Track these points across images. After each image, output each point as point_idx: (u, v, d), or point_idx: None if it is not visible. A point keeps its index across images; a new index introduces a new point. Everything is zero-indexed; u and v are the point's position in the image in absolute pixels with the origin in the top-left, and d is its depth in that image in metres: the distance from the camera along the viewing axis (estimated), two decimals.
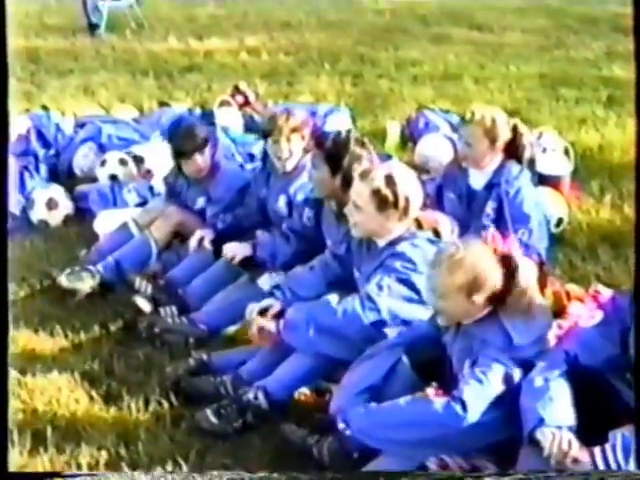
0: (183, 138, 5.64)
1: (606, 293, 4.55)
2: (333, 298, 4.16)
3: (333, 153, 4.62)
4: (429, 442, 3.52)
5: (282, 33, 13.35)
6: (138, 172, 6.70)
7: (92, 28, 13.18)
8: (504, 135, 5.04)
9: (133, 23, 13.54)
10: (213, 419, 4.00)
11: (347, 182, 4.42)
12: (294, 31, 13.57)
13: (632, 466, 3.15)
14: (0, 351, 3.45)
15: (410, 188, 4.16)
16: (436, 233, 4.21)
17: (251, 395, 4.06)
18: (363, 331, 4.00)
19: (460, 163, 5.30)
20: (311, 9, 15.40)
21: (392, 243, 4.15)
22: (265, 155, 5.56)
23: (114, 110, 8.49)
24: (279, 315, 4.24)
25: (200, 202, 5.72)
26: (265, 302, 4.36)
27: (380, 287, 4.04)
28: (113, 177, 6.70)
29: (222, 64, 11.45)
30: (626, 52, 11.86)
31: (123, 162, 6.76)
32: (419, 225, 4.20)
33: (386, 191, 4.09)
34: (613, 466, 3.15)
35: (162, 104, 8.58)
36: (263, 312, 4.32)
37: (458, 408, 3.44)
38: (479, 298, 3.60)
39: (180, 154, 5.66)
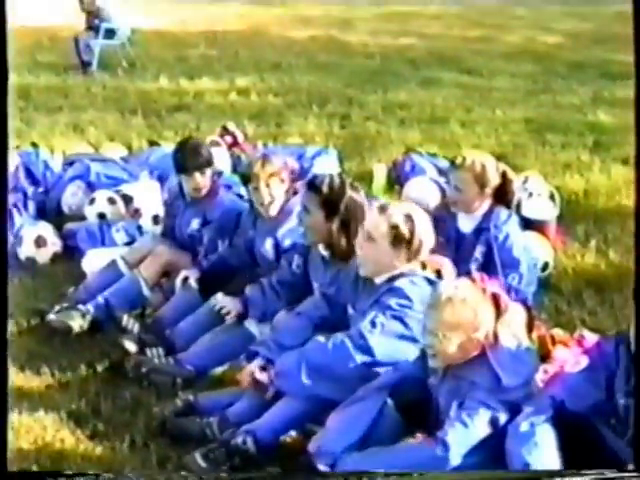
0: (187, 153, 5.69)
1: (591, 338, 4.62)
2: (322, 338, 4.18)
3: (329, 198, 4.63)
4: None
5: (272, 74, 13.43)
6: (126, 211, 6.73)
7: (84, 66, 13.26)
8: (493, 181, 5.11)
9: (125, 62, 13.64)
10: (202, 463, 3.99)
11: (345, 225, 4.53)
12: (284, 72, 13.66)
13: None
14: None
15: (425, 230, 4.23)
16: (438, 275, 4.26)
17: (240, 440, 4.05)
18: (354, 368, 4.02)
19: (449, 207, 5.35)
20: (301, 50, 15.55)
21: (390, 279, 4.19)
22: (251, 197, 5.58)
23: (103, 148, 8.53)
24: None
25: (195, 224, 5.75)
26: (256, 362, 4.35)
27: (374, 324, 4.08)
28: (101, 216, 6.72)
29: (211, 104, 11.50)
30: (612, 98, 12.04)
31: (112, 201, 6.79)
32: (423, 267, 4.26)
33: (404, 228, 4.14)
34: None
35: (152, 143, 8.61)
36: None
37: (440, 449, 3.49)
38: (474, 338, 3.64)
39: (181, 169, 5.70)
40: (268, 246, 5.30)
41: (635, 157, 3.59)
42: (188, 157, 5.66)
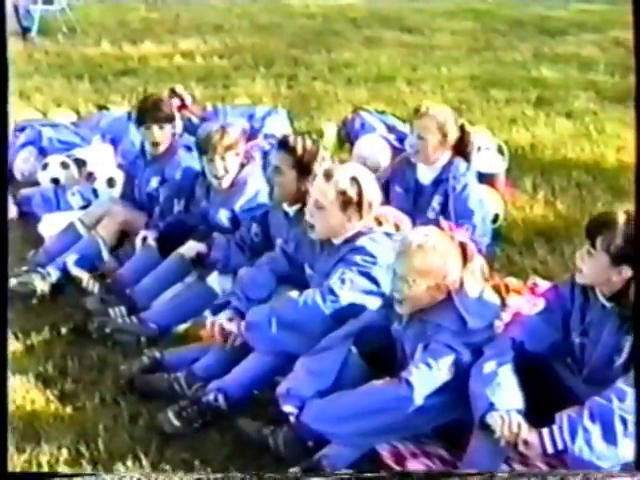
0: (148, 107, 5.75)
1: (544, 285, 4.74)
2: (294, 294, 4.27)
3: (302, 159, 4.69)
4: (379, 428, 3.69)
5: (215, 37, 13.40)
6: (80, 175, 6.72)
7: (24, 32, 13.10)
8: (453, 132, 5.23)
9: (65, 27, 13.49)
10: (175, 421, 4.05)
11: None
12: (227, 34, 13.63)
13: (578, 446, 3.30)
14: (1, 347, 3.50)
15: (372, 188, 4.31)
16: (397, 228, 4.38)
17: (211, 397, 4.12)
18: (323, 324, 4.12)
19: (409, 159, 5.45)
20: (243, 12, 15.51)
21: (350, 239, 4.28)
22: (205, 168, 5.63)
23: (51, 114, 8.48)
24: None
25: (154, 182, 5.80)
26: (226, 313, 4.44)
27: (343, 280, 4.18)
28: (55, 180, 6.71)
29: (157, 68, 11.47)
30: (553, 54, 12.22)
31: (65, 165, 6.77)
32: (379, 223, 4.35)
33: (351, 192, 4.23)
34: (560, 446, 3.32)
35: (100, 107, 8.58)
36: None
37: (404, 389, 3.62)
38: (442, 283, 3.76)
39: (141, 122, 5.75)
40: (223, 217, 5.35)
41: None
42: (148, 111, 5.71)
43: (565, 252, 5.74)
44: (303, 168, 4.68)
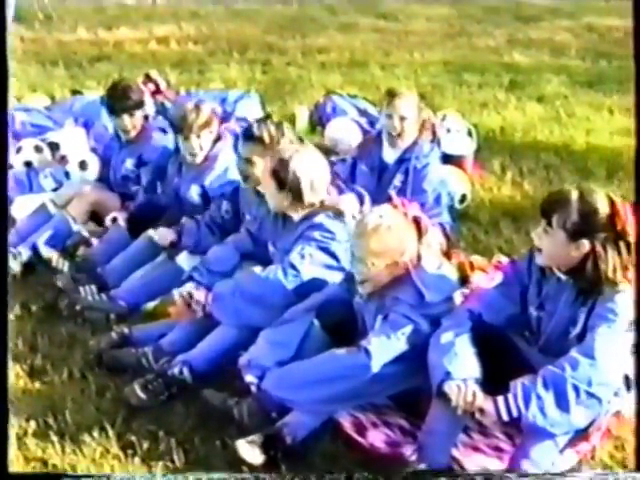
0: (116, 96, 5.81)
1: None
2: (257, 269, 4.38)
3: (272, 144, 4.76)
4: (338, 395, 3.77)
5: (191, 23, 13.46)
6: (53, 158, 6.76)
7: None
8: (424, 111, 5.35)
9: (41, 14, 13.51)
10: (141, 394, 4.11)
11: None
12: (202, 21, 13.69)
13: (532, 413, 3.39)
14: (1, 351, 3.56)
15: (305, 174, 4.37)
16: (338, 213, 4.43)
17: (176, 370, 4.20)
18: (285, 298, 4.22)
19: (378, 139, 5.54)
20: None
21: (309, 216, 4.38)
22: (177, 144, 5.69)
23: (26, 99, 8.51)
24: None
25: (129, 164, 5.89)
26: (189, 285, 4.52)
27: (302, 256, 4.28)
28: (28, 164, 6.74)
29: (132, 54, 11.54)
30: (527, 39, 12.33)
31: (38, 149, 6.81)
32: (323, 208, 4.42)
33: (282, 173, 4.33)
34: (514, 413, 3.40)
35: (74, 92, 8.63)
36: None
37: (362, 357, 3.70)
38: (400, 261, 3.83)
39: (110, 110, 5.85)
40: (194, 193, 5.43)
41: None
42: (117, 99, 5.77)
43: (530, 232, 5.80)
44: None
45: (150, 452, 3.79)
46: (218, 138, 5.48)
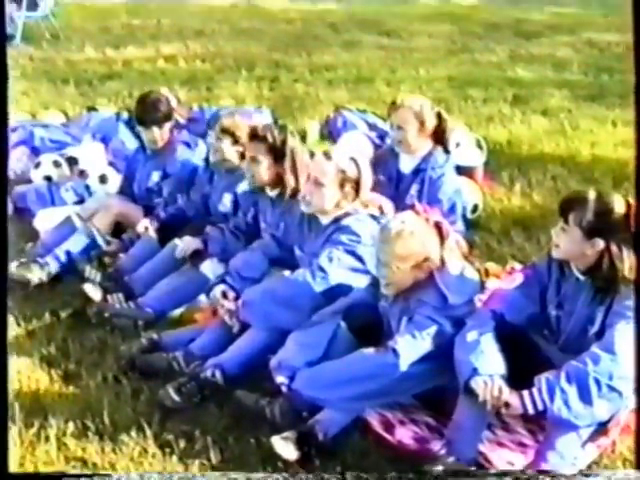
0: (145, 107, 5.97)
1: None
2: (287, 273, 4.57)
3: (274, 145, 5.00)
4: (367, 393, 3.92)
5: (197, 41, 13.65)
6: (72, 173, 6.92)
7: (8, 39, 13.27)
8: (431, 120, 5.46)
9: (48, 34, 13.69)
10: (175, 396, 4.24)
11: (294, 168, 4.95)
12: (208, 39, 13.89)
13: (557, 406, 3.54)
14: (1, 350, 3.69)
15: (367, 172, 4.63)
16: (381, 211, 4.66)
17: (209, 373, 4.34)
18: (314, 300, 4.37)
19: (393, 149, 5.69)
20: (223, 18, 15.76)
21: (336, 220, 4.57)
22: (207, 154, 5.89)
23: (40, 116, 8.68)
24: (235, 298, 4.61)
25: (155, 177, 6.06)
26: (220, 287, 4.68)
27: (330, 259, 4.45)
28: (48, 178, 6.90)
29: (141, 72, 11.71)
30: (528, 55, 12.52)
31: (57, 164, 6.97)
32: (365, 206, 4.62)
33: (350, 171, 4.52)
34: (540, 407, 3.55)
35: (89, 109, 8.78)
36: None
37: (390, 357, 3.85)
38: (424, 264, 3.99)
39: (140, 122, 6.00)
40: (227, 201, 5.61)
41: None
42: (146, 111, 5.93)
43: (541, 240, 5.98)
44: (277, 153, 4.98)
45: (186, 450, 3.92)
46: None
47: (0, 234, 3.65)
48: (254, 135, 5.13)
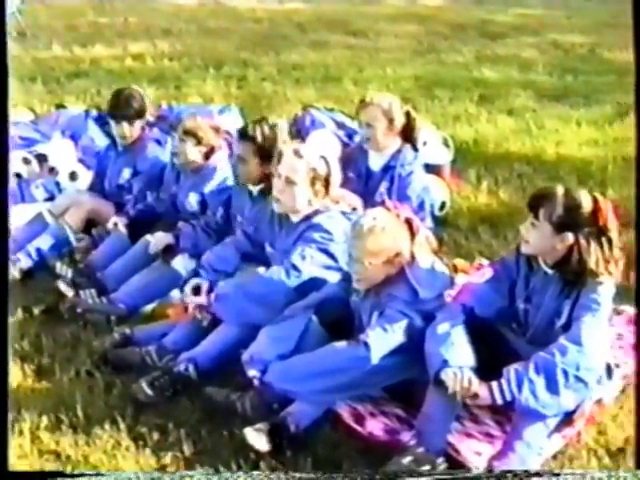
0: (118, 102, 6.02)
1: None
2: (261, 269, 4.61)
3: (262, 146, 5.06)
4: (339, 386, 3.98)
5: (164, 40, 13.65)
6: (42, 170, 6.92)
7: None
8: (399, 118, 5.53)
9: (14, 32, 13.61)
10: (148, 390, 4.29)
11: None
12: (176, 38, 13.89)
13: (525, 396, 3.63)
14: (1, 349, 3.71)
15: (336, 168, 4.68)
16: (352, 208, 4.71)
17: (182, 367, 4.39)
18: (287, 297, 4.42)
19: (362, 147, 5.76)
20: (190, 17, 15.75)
21: (307, 217, 4.61)
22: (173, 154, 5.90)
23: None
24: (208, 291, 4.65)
25: (126, 174, 6.10)
26: (194, 281, 4.73)
27: (303, 257, 4.50)
28: (17, 175, 6.88)
29: (109, 70, 11.67)
30: (494, 55, 12.64)
31: (26, 161, 6.95)
32: (336, 202, 4.68)
33: (320, 169, 4.57)
34: (508, 397, 3.63)
35: (58, 106, 8.78)
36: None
37: (362, 350, 3.92)
38: (395, 260, 4.06)
39: (111, 116, 6.05)
40: (192, 200, 5.67)
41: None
42: (119, 106, 5.98)
43: (508, 236, 6.07)
44: (265, 153, 5.01)
45: (160, 443, 3.98)
46: (212, 149, 5.68)
47: (0, 234, 3.68)
48: (243, 134, 5.16)
